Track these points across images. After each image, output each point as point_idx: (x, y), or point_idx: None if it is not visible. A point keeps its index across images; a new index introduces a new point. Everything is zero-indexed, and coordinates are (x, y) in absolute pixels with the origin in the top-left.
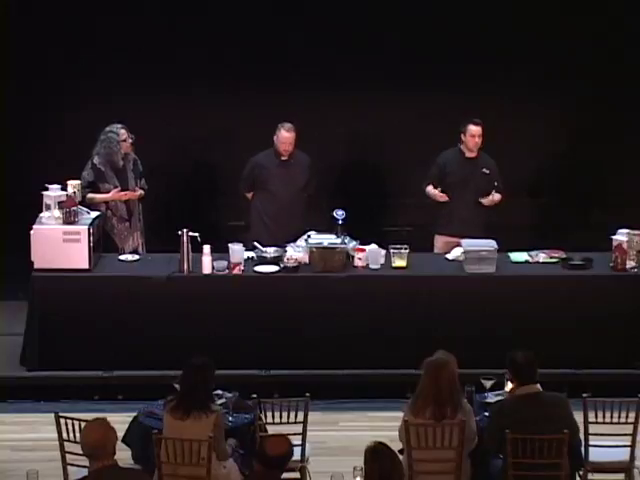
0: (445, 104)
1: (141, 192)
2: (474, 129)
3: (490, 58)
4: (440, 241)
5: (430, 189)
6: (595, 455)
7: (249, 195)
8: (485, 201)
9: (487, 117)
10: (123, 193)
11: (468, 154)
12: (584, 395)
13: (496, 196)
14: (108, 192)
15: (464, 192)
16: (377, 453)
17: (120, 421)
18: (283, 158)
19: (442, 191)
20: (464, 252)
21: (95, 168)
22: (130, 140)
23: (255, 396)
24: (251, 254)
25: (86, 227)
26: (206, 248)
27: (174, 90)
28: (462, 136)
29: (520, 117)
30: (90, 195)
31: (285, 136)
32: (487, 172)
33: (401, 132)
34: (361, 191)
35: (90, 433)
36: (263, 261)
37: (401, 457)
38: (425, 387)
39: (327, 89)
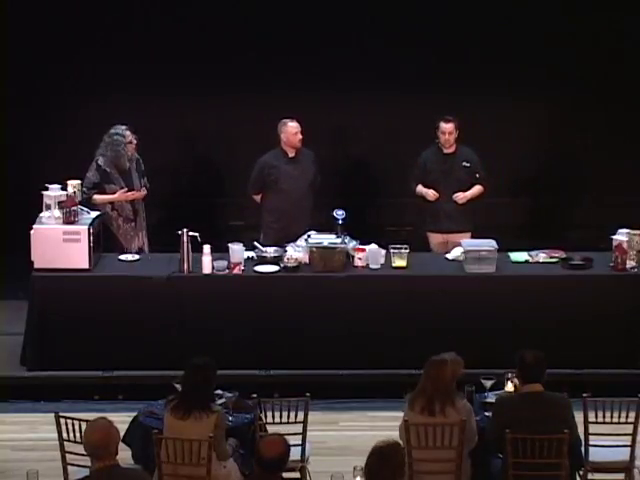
0: (446, 104)
1: (145, 192)
2: (444, 126)
3: (491, 59)
4: (433, 239)
5: (420, 188)
6: (595, 455)
7: (257, 197)
8: (458, 198)
9: (487, 117)
10: (130, 193)
11: (446, 150)
12: (584, 395)
13: (474, 189)
14: (113, 193)
15: (446, 187)
16: (384, 456)
17: (120, 421)
18: (291, 155)
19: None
20: (464, 252)
21: (100, 169)
22: (135, 141)
23: (255, 396)
24: (251, 254)
25: (86, 227)
26: (206, 248)
27: (174, 90)
28: (437, 132)
29: (519, 117)
30: (96, 196)
31: (293, 126)
32: (467, 165)
33: (401, 132)
34: (361, 191)
35: (93, 432)
36: (263, 261)
37: None
38: (420, 382)
39: (328, 89)
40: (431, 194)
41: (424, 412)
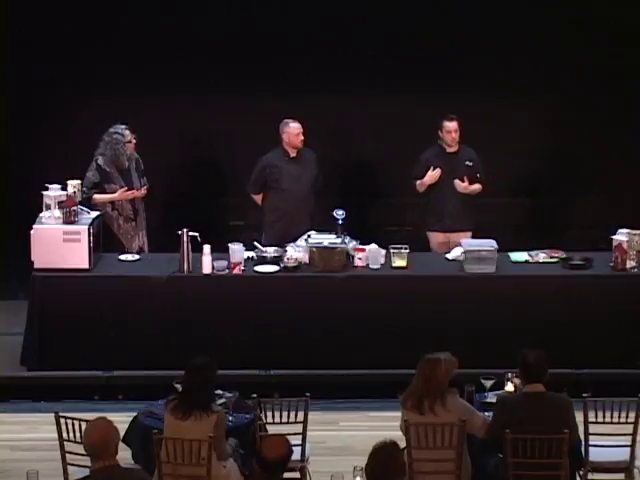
0: (446, 104)
1: (145, 191)
2: (449, 125)
3: (492, 59)
4: (434, 238)
5: (419, 182)
6: (595, 455)
7: (258, 197)
8: (459, 188)
9: (487, 117)
10: (130, 192)
11: (449, 149)
12: (584, 395)
13: (475, 185)
14: (113, 192)
15: (449, 187)
16: (384, 456)
17: (120, 421)
18: (292, 155)
19: (427, 187)
20: (464, 252)
21: (100, 169)
22: (134, 141)
23: (255, 396)
24: (251, 254)
25: (86, 227)
26: (206, 248)
27: (174, 90)
28: (440, 132)
29: (519, 117)
30: (96, 196)
31: (295, 126)
32: (470, 164)
33: (401, 132)
34: (361, 191)
35: (93, 432)
36: (263, 261)
37: None
38: (413, 380)
39: (328, 89)
40: (434, 175)
41: (414, 410)
